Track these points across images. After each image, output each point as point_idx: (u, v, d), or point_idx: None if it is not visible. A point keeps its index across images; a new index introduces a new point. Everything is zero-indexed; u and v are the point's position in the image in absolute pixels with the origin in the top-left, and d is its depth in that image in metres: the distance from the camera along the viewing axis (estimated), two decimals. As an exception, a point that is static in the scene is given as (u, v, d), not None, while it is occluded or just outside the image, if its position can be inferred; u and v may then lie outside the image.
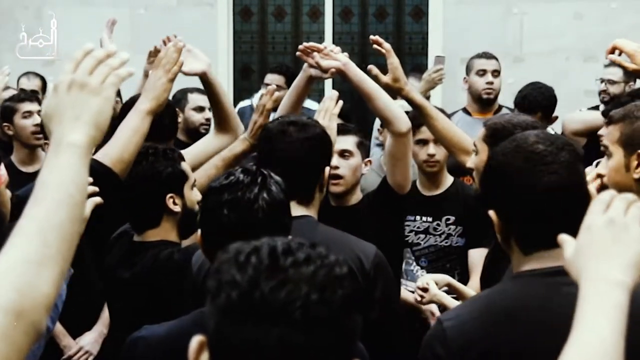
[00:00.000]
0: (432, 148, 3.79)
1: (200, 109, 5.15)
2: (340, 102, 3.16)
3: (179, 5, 7.58)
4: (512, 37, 7.37)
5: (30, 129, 4.65)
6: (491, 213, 1.85)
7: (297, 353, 1.09)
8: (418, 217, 3.98)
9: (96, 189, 2.41)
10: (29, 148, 4.70)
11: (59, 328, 3.51)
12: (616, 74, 5.68)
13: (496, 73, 5.42)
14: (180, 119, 4.72)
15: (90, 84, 1.69)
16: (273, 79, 5.95)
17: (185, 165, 2.96)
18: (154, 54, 5.11)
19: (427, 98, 5.40)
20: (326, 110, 3.10)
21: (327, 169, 2.62)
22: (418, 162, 3.85)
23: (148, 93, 2.87)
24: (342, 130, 3.48)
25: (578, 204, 1.70)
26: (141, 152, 2.97)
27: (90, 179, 2.53)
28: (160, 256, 2.77)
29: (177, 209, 2.88)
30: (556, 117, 4.99)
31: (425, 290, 3.28)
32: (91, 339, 3.64)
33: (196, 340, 1.16)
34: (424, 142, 3.80)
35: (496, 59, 5.51)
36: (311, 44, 3.26)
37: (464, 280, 3.73)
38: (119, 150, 2.75)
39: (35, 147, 4.71)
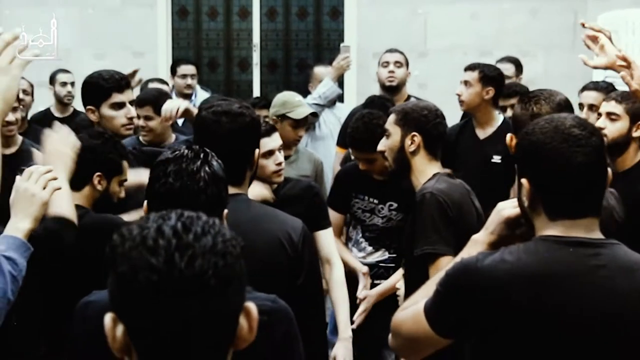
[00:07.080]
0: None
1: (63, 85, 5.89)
2: None
3: (123, 6, 7.63)
4: (417, 34, 7.56)
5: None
6: (524, 181, 1.96)
7: (215, 316, 1.17)
8: (366, 197, 4.05)
9: (56, 175, 2.49)
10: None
11: None
12: (509, 69, 5.82)
13: (398, 64, 5.48)
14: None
15: None
16: (187, 69, 6.38)
17: (126, 165, 3.09)
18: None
19: (340, 85, 5.72)
20: None
21: (257, 151, 2.67)
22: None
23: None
24: None
25: (601, 182, 1.94)
26: (103, 134, 3.12)
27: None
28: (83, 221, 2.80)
29: (99, 187, 3.00)
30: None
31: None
32: None
33: (109, 317, 1.21)
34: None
35: (400, 52, 5.60)
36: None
37: (399, 256, 3.92)
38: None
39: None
